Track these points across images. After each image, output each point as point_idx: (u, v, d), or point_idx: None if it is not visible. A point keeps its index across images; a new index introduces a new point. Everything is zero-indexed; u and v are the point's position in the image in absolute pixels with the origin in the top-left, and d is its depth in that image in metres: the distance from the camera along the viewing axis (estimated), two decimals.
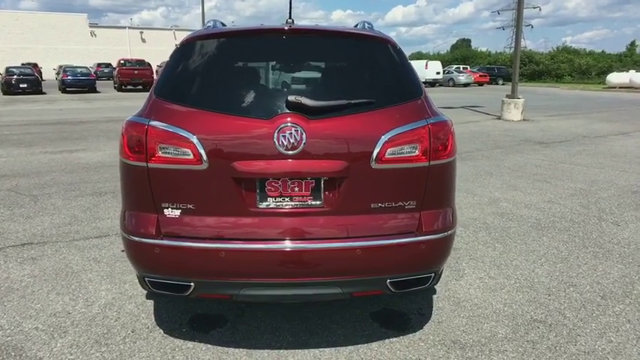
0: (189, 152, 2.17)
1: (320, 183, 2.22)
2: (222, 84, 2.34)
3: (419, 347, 2.61)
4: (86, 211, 4.96)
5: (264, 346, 2.61)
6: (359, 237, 2.23)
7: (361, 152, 2.20)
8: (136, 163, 2.25)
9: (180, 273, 2.25)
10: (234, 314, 2.93)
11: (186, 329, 2.78)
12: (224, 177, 2.19)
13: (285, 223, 2.23)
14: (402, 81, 2.40)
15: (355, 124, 2.22)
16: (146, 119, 2.24)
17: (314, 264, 2.22)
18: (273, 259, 2.20)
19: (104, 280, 3.39)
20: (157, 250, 2.22)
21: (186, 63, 2.41)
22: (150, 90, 2.46)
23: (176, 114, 2.23)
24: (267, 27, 2.45)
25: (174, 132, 2.18)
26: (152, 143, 2.20)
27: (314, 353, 2.55)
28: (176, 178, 2.22)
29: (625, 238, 4.32)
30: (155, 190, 2.23)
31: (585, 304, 3.09)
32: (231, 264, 2.20)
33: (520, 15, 13.62)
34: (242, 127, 2.19)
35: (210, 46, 2.44)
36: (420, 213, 2.32)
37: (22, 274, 3.46)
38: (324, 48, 2.44)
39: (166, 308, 2.99)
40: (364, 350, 2.58)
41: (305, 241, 2.20)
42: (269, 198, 2.22)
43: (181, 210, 2.23)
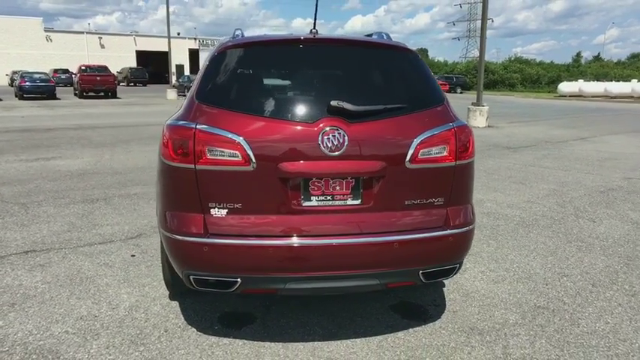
0: (237, 154, 2.29)
1: (359, 182, 2.39)
2: (263, 89, 2.48)
3: (441, 334, 2.82)
4: (82, 218, 4.92)
5: (297, 339, 2.74)
6: (395, 232, 2.42)
7: (397, 153, 2.39)
8: (182, 165, 2.35)
9: (227, 270, 2.36)
10: (261, 311, 3.04)
11: (218, 327, 2.87)
12: (271, 177, 2.32)
13: (328, 220, 2.38)
14: (426, 88, 2.62)
15: (390, 127, 2.42)
16: (192, 123, 2.35)
17: (355, 258, 2.39)
18: (318, 253, 2.35)
19: (122, 284, 3.42)
20: (206, 248, 2.33)
21: (226, 69, 2.54)
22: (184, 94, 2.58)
23: (222, 118, 2.36)
24: (302, 36, 2.61)
25: (222, 135, 2.31)
26: (200, 146, 2.31)
27: (346, 344, 2.71)
28: (224, 179, 2.33)
29: (602, 232, 4.70)
30: (203, 191, 2.34)
31: (579, 292, 3.39)
32: (278, 259, 2.33)
33: (484, 26, 14.28)
34: (288, 130, 2.34)
35: (249, 53, 2.58)
36: (447, 209, 2.54)
37: (35, 281, 3.44)
38: (354, 57, 2.62)
39: (193, 308, 3.07)
40: (392, 339, 2.76)
41: (347, 236, 2.37)
42: (312, 197, 2.37)
43: (228, 209, 2.35)
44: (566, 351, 2.66)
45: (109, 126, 13.52)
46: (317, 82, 2.55)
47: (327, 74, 2.59)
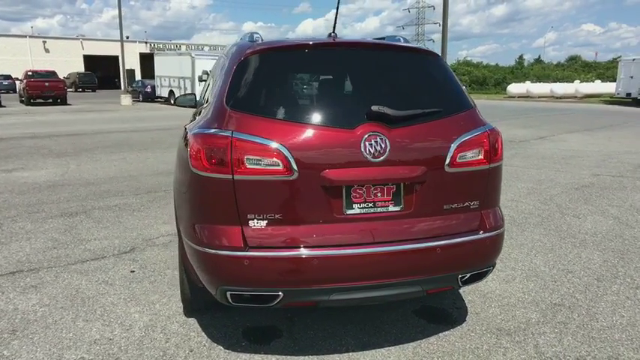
0: (278, 163, 2.20)
1: (400, 188, 2.35)
2: (298, 95, 2.41)
3: (471, 337, 2.82)
4: (65, 234, 4.61)
5: (331, 351, 2.67)
6: (436, 237, 2.39)
7: (436, 157, 2.38)
8: (217, 175, 2.23)
9: (269, 283, 2.25)
10: (284, 324, 2.94)
11: (245, 343, 2.75)
12: (313, 185, 2.25)
13: (371, 228, 2.33)
14: (455, 91, 2.62)
15: (429, 131, 2.40)
16: (227, 131, 2.24)
17: (399, 265, 2.34)
18: (363, 262, 2.29)
19: (129, 302, 3.22)
20: (246, 261, 2.22)
21: (256, 74, 2.44)
22: (210, 101, 2.46)
23: (259, 125, 2.26)
24: (332, 40, 2.55)
25: (262, 143, 2.21)
26: (238, 155, 2.20)
27: (382, 353, 2.66)
28: (264, 188, 2.23)
29: (590, 228, 4.89)
30: (241, 202, 2.23)
31: (587, 287, 3.50)
32: (323, 270, 2.25)
33: (445, 28, 14.67)
34: (328, 136, 2.27)
35: (279, 58, 2.49)
36: (481, 212, 2.54)
37: (31, 304, 3.18)
38: (385, 61, 2.58)
39: (214, 325, 2.93)
40: (425, 345, 2.74)
41: (390, 243, 2.32)
42: (354, 204, 2.31)
43: (268, 220, 2.25)
44: (594, 347, 2.72)
45: (67, 134, 12.85)
46: (350, 87, 2.50)
47: (359, 78, 2.53)
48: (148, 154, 9.54)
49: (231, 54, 2.75)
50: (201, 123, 2.45)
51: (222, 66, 3.05)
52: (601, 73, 58.46)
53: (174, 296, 3.31)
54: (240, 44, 2.74)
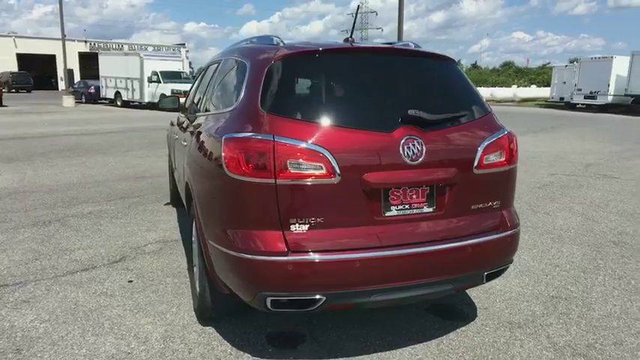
0: (322, 166, 2.21)
1: (433, 189, 2.42)
2: (333, 98, 2.42)
3: (487, 332, 2.94)
4: (45, 244, 4.34)
5: (360, 352, 2.69)
6: (466, 236, 2.48)
7: (466, 160, 2.47)
8: (257, 179, 2.21)
9: (312, 287, 2.25)
10: (305, 328, 2.94)
11: (272, 349, 2.72)
12: (354, 189, 2.27)
13: (407, 229, 2.38)
14: (475, 97, 2.73)
15: (458, 135, 2.49)
16: (268, 135, 2.22)
17: (435, 265, 2.41)
18: (401, 263, 2.33)
19: (137, 313, 3.09)
20: (290, 266, 2.20)
21: (290, 78, 2.44)
22: (240, 105, 2.44)
23: (299, 129, 2.25)
24: (362, 45, 2.60)
25: (306, 147, 2.20)
26: (281, 159, 2.18)
27: (409, 351, 2.72)
28: (306, 193, 2.23)
29: (562, 225, 5.22)
30: (283, 206, 2.21)
31: (577, 279, 3.74)
32: (365, 272, 2.28)
33: (400, 31, 15.06)
34: (368, 140, 2.30)
35: (311, 61, 2.50)
36: (502, 211, 2.67)
37: (29, 320, 2.98)
38: (413, 66, 2.65)
39: (234, 332, 2.87)
40: (447, 341, 2.82)
41: (426, 244, 2.38)
42: (392, 206, 2.35)
43: (310, 224, 2.25)
44: (598, 334, 2.92)
45: (12, 137, 12.05)
46: (382, 91, 2.54)
47: (389, 83, 2.58)
48: (108, 159, 9.13)
49: (249, 56, 2.71)
50: (232, 127, 2.40)
51: (232, 68, 3.01)
52: (533, 78, 62.11)
53: (184, 305, 3.21)
54: (263, 47, 2.71)
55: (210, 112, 3.10)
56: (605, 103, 26.85)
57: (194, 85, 4.80)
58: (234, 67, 2.97)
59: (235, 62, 2.95)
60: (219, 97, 3.12)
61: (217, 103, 3.13)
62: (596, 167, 8.88)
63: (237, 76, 2.84)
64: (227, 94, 2.97)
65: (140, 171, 7.93)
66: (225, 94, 3.01)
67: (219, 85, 3.23)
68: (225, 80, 3.14)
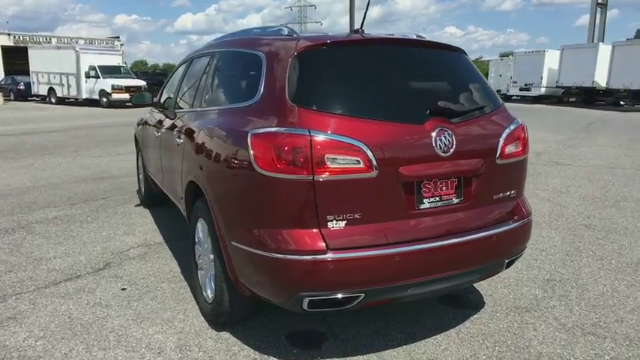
0: (359, 161, 2.15)
1: (461, 181, 2.44)
2: (363, 91, 2.36)
3: (499, 317, 3.02)
4: (15, 254, 3.98)
5: (385, 347, 2.67)
6: (491, 225, 2.52)
7: (489, 150, 2.50)
8: (293, 176, 2.12)
9: (352, 285, 2.19)
10: (323, 326, 2.88)
11: (296, 350, 2.64)
12: (391, 182, 2.23)
13: (439, 221, 2.38)
14: (488, 89, 2.77)
15: (481, 126, 2.52)
16: (303, 130, 2.13)
17: (467, 255, 2.43)
18: (436, 256, 2.33)
19: (141, 323, 2.90)
20: (331, 265, 2.13)
21: (317, 70, 2.35)
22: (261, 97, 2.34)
23: (334, 123, 2.18)
24: (387, 37, 2.55)
25: (343, 141, 2.14)
26: (319, 154, 2.10)
27: (431, 342, 2.73)
28: (344, 188, 2.16)
29: (535, 210, 5.36)
30: (321, 203, 2.14)
31: (564, 262, 3.93)
32: (403, 267, 2.25)
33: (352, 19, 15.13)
34: (402, 132, 2.27)
35: (336, 53, 2.43)
36: (517, 200, 2.73)
37: (22, 338, 2.72)
38: (433, 58, 2.64)
39: (252, 336, 2.76)
40: (464, 329, 2.87)
41: (458, 235, 2.40)
42: (424, 199, 2.34)
43: (347, 220, 2.19)
44: (600, 313, 3.07)
45: None
46: (408, 83, 2.51)
47: (412, 74, 2.55)
48: (57, 159, 8.54)
49: (263, 48, 2.58)
50: (258, 122, 2.28)
51: (238, 61, 2.88)
52: None
53: (189, 311, 3.05)
54: (277, 38, 2.60)
55: (214, 108, 2.94)
56: (539, 94, 28.52)
57: (171, 80, 4.56)
58: (241, 59, 2.84)
59: (242, 55, 2.82)
60: (225, 92, 2.97)
61: (222, 98, 2.98)
62: (547, 155, 9.39)
63: (247, 69, 2.72)
64: (235, 89, 2.84)
65: (97, 172, 7.47)
66: (233, 89, 2.88)
67: (222, 79, 3.07)
68: (230, 74, 3.00)
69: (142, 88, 22.34)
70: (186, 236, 4.47)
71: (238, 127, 2.41)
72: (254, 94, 2.46)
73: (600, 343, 2.72)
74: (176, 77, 4.37)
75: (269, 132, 2.19)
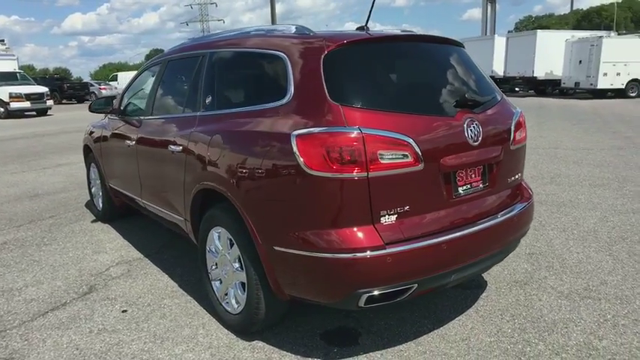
0: (408, 155, 2.20)
1: (485, 167, 2.58)
2: (400, 86, 2.44)
3: (504, 293, 3.23)
4: None
5: (418, 334, 2.76)
6: (510, 207, 2.71)
7: (505, 137, 2.68)
8: (347, 175, 2.12)
9: (407, 277, 2.24)
10: (350, 322, 2.91)
11: (336, 349, 2.64)
12: (433, 173, 2.32)
13: (471, 207, 2.51)
14: (489, 80, 2.95)
15: (497, 115, 2.69)
16: (354, 127, 2.13)
17: (497, 237, 2.59)
18: (474, 240, 2.46)
19: (162, 344, 2.72)
20: (389, 259, 2.17)
21: (351, 67, 2.37)
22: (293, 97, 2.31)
23: (380, 119, 2.21)
24: (408, 34, 2.62)
25: (392, 137, 2.18)
26: (372, 151, 2.12)
27: (458, 323, 2.87)
28: (395, 182, 2.20)
29: None
30: (375, 199, 2.16)
31: (536, 237, 4.29)
32: (450, 254, 2.35)
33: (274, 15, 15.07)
34: (439, 124, 2.36)
35: (365, 50, 2.46)
36: (521, 182, 2.95)
37: None
38: (446, 52, 2.75)
39: (285, 341, 2.72)
40: (481, 308, 3.04)
41: (488, 219, 2.54)
42: (459, 187, 2.46)
43: (397, 214, 2.23)
44: (585, 278, 3.41)
45: None
46: (434, 77, 2.60)
47: (436, 68, 2.64)
48: None
49: (284, 47, 2.51)
50: (298, 122, 2.24)
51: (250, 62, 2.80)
52: None
53: (208, 324, 2.92)
54: (296, 36, 2.55)
55: (225, 111, 2.79)
56: None
57: (136, 86, 4.27)
58: (253, 60, 2.75)
59: (255, 55, 2.73)
60: (236, 94, 2.85)
61: (233, 100, 2.85)
62: None
63: (264, 69, 2.65)
64: (251, 90, 2.75)
65: (28, 189, 6.78)
66: (247, 90, 2.78)
67: (227, 81, 2.94)
68: (238, 75, 2.90)
69: (45, 95, 20.49)
70: (167, 248, 4.27)
71: (274, 129, 2.34)
72: (282, 95, 2.41)
73: (598, 305, 3.03)
74: (144, 82, 4.10)
75: (317, 132, 2.17)
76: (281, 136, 2.28)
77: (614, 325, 2.80)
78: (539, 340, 2.66)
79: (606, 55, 20.33)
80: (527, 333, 2.74)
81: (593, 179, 6.39)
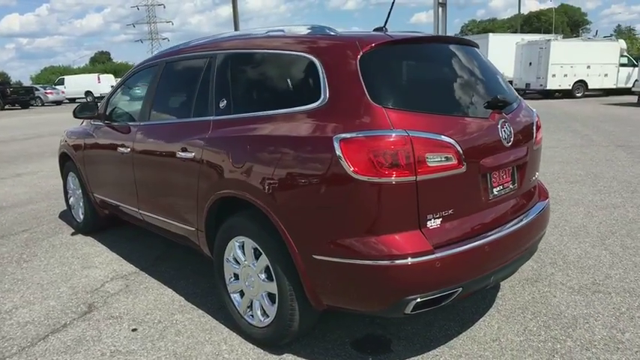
0: (452, 157, 2.17)
1: (514, 168, 2.60)
2: (434, 88, 2.41)
3: (519, 291, 3.28)
4: None
5: (448, 337, 2.74)
6: (534, 206, 2.75)
7: (530, 138, 2.71)
8: (398, 179, 2.07)
9: (454, 280, 2.21)
10: (377, 329, 2.85)
11: (372, 357, 2.58)
12: (474, 175, 2.30)
13: (505, 207, 2.53)
14: (505, 81, 2.98)
15: (521, 116, 2.71)
16: (401, 130, 2.08)
17: (529, 236, 2.62)
18: (511, 240, 2.46)
19: None
20: (438, 264, 2.13)
21: (389, 69, 2.32)
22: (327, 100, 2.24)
23: (423, 121, 2.17)
24: (437, 35, 2.59)
25: (437, 139, 2.14)
26: (419, 154, 2.08)
27: (484, 323, 2.87)
28: (440, 185, 2.17)
29: None
30: (422, 203, 2.12)
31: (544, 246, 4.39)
32: (491, 256, 2.34)
33: (236, 16, 14.82)
34: (477, 126, 2.35)
35: (399, 51, 2.41)
36: (538, 182, 3.00)
37: None
38: (469, 53, 2.73)
39: (316, 352, 2.63)
40: (501, 307, 3.07)
41: (521, 218, 2.57)
42: (494, 188, 2.45)
43: (442, 217, 2.20)
44: (590, 273, 3.52)
45: None
46: (464, 78, 2.58)
47: (464, 70, 2.62)
48: None
49: (313, 49, 2.42)
50: (339, 125, 2.16)
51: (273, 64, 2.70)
52: None
53: (230, 339, 2.78)
54: (324, 37, 2.47)
55: (247, 115, 2.63)
56: None
57: (123, 91, 4.04)
58: (276, 63, 2.64)
59: (278, 57, 2.61)
60: (258, 97, 2.70)
61: (255, 103, 2.68)
62: None
63: (290, 72, 2.56)
64: (276, 92, 2.64)
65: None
66: (272, 93, 2.67)
67: (245, 83, 2.80)
68: (259, 77, 2.77)
69: None
70: (162, 260, 4.06)
71: (310, 133, 2.25)
72: (314, 98, 2.32)
73: (610, 299, 3.13)
74: (134, 86, 3.89)
75: (364, 136, 2.09)
76: (321, 139, 2.19)
77: (630, 317, 2.89)
78: (566, 337, 2.70)
79: (554, 58, 21.35)
80: (553, 330, 2.78)
81: (567, 176, 6.65)
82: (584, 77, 21.96)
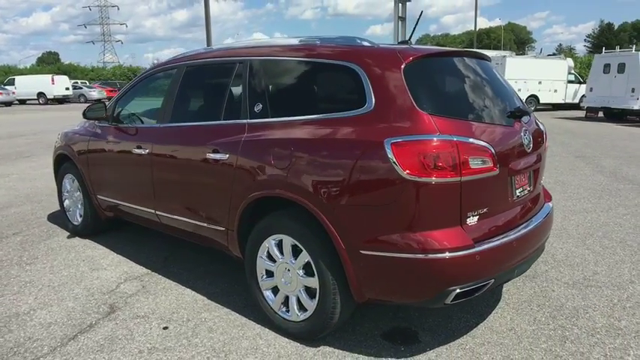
0: (489, 161, 2.40)
1: (531, 172, 2.87)
2: (468, 97, 2.64)
3: (523, 287, 3.56)
4: None
5: (468, 329, 2.96)
6: (544, 207, 3.03)
7: (542, 144, 3.00)
8: (446, 179, 2.28)
9: (490, 272, 2.44)
10: (403, 322, 3.04)
11: (404, 347, 2.76)
12: (504, 177, 2.55)
13: (524, 207, 2.79)
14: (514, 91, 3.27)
15: (534, 124, 3.00)
16: (447, 135, 2.29)
17: (544, 233, 2.89)
18: (532, 237, 2.72)
19: (227, 357, 2.65)
20: (478, 257, 2.34)
21: (430, 78, 2.56)
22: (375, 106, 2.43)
23: (464, 127, 2.40)
24: (464, 49, 2.83)
25: (478, 144, 2.37)
26: (464, 157, 2.30)
27: (497, 315, 3.12)
28: (479, 186, 2.39)
29: None
30: (464, 202, 2.33)
31: None
32: (518, 250, 2.59)
33: (208, 31, 14.79)
34: (505, 133, 2.62)
35: (436, 63, 2.63)
36: (542, 184, 3.30)
37: None
38: (487, 66, 2.99)
39: (352, 344, 2.78)
40: (510, 301, 3.33)
41: (536, 217, 2.84)
42: (516, 190, 2.71)
43: (479, 215, 2.43)
44: (579, 270, 3.86)
45: None
46: (489, 89, 2.82)
47: (487, 81, 2.86)
48: None
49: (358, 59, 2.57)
50: (381, 130, 2.34)
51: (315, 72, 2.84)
52: None
53: (265, 334, 2.88)
54: (366, 48, 2.66)
55: (288, 119, 2.72)
56: None
57: (135, 93, 4.06)
58: (317, 71, 2.78)
59: (319, 65, 2.75)
60: (297, 103, 2.81)
61: (297, 108, 2.76)
62: None
63: (333, 80, 2.73)
64: (315, 99, 2.79)
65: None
66: (311, 100, 2.80)
67: (284, 90, 2.95)
68: (298, 85, 2.89)
69: None
70: (172, 261, 4.09)
71: (360, 137, 2.42)
72: (359, 104, 2.49)
73: (602, 292, 3.46)
74: (147, 89, 3.93)
75: (414, 139, 2.28)
76: (371, 143, 2.36)
77: (623, 307, 3.22)
78: (572, 325, 2.99)
79: (509, 73, 22.49)
80: (559, 320, 3.06)
81: None
82: (536, 92, 23.27)
